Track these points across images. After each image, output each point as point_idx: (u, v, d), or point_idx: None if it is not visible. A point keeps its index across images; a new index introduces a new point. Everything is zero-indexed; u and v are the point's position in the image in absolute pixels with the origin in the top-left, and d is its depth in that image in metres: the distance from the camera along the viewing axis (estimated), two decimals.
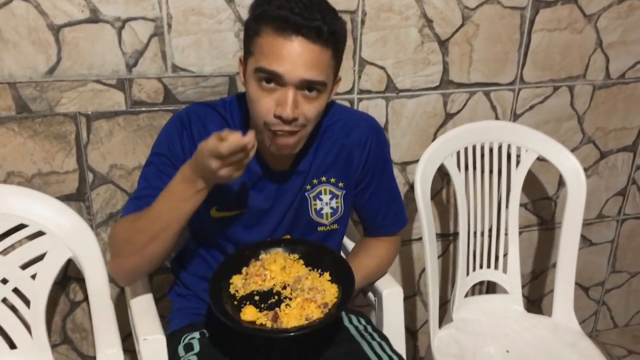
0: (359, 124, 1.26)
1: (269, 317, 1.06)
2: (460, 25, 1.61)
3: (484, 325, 1.60)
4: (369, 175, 1.28)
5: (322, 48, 1.03)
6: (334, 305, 1.09)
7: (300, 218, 1.26)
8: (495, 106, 1.75)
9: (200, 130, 1.16)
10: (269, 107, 1.05)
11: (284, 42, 1.01)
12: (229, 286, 1.13)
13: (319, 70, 1.04)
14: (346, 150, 1.24)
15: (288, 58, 1.01)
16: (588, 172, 1.95)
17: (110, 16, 1.34)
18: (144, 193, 1.16)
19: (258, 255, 1.19)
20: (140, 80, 1.41)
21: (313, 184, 1.24)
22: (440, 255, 1.91)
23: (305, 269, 1.17)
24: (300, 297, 1.09)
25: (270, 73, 1.03)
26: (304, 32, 1.01)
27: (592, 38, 1.76)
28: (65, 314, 1.59)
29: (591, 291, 2.20)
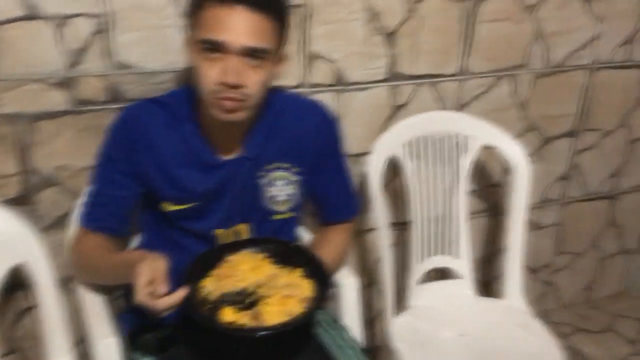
0: (313, 110, 1.29)
1: (249, 316, 1.05)
2: (407, 18, 1.64)
3: (439, 310, 1.64)
4: (323, 160, 1.29)
5: (263, 16, 1.06)
6: (313, 299, 1.09)
7: (255, 206, 1.26)
8: (442, 97, 1.78)
9: (143, 127, 1.18)
10: (213, 75, 1.07)
11: (225, 11, 1.05)
12: (200, 290, 1.11)
13: (261, 37, 1.07)
14: (299, 135, 1.25)
15: (230, 26, 1.05)
16: (532, 157, 2.00)
17: (50, 13, 1.30)
18: (96, 201, 1.23)
19: (225, 257, 1.17)
20: (84, 79, 1.37)
21: (266, 169, 1.24)
22: (394, 244, 1.93)
23: (276, 267, 1.16)
24: (278, 295, 1.08)
25: (213, 43, 1.06)
26: (245, 1, 1.04)
27: (532, 28, 1.81)
28: (13, 322, 1.54)
29: (539, 273, 2.27)
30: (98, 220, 1.23)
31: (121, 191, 1.22)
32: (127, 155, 1.19)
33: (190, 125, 1.20)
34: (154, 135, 1.18)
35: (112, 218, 1.23)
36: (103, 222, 1.23)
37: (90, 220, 1.24)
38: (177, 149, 1.19)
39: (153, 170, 1.20)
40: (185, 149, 1.20)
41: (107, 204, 1.22)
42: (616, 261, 2.41)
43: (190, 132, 1.20)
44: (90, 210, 1.24)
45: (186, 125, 1.20)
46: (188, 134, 1.20)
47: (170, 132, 1.19)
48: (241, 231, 1.28)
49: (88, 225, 1.24)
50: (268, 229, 1.29)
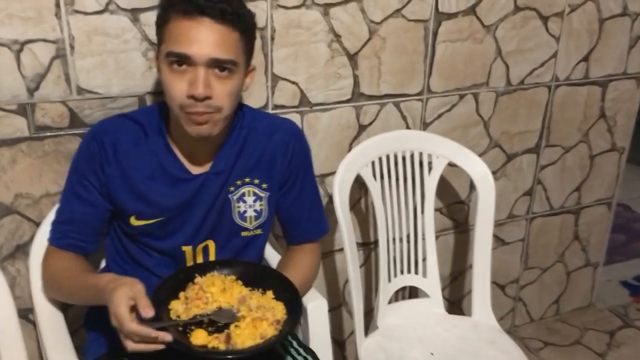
0: (282, 126, 1.30)
1: (221, 339, 1.03)
2: (368, 39, 1.65)
3: (408, 329, 1.63)
4: (292, 177, 1.29)
5: (228, 28, 1.07)
6: (285, 322, 1.08)
7: (223, 222, 1.25)
8: (406, 116, 1.80)
9: (112, 142, 1.18)
10: (181, 89, 1.08)
11: (191, 24, 1.05)
12: (169, 312, 1.09)
13: (227, 49, 1.08)
14: (269, 152, 1.25)
15: (195, 38, 1.05)
16: (496, 174, 2.04)
17: (6, 39, 1.28)
18: (63, 217, 1.23)
19: (193, 278, 1.15)
20: (43, 105, 1.35)
21: (236, 185, 1.24)
22: (362, 264, 1.93)
23: (246, 289, 1.15)
24: (249, 317, 1.07)
25: (179, 55, 1.06)
26: (209, 13, 1.05)
27: (492, 47, 1.85)
28: None
29: (507, 288, 2.29)
30: (66, 238, 1.22)
31: (89, 207, 1.21)
32: (95, 169, 1.18)
33: (159, 140, 1.20)
34: (122, 149, 1.18)
35: (81, 236, 1.22)
36: (71, 239, 1.22)
37: (58, 238, 1.23)
38: (146, 163, 1.19)
39: (120, 184, 1.19)
40: (155, 163, 1.19)
41: (76, 221, 1.22)
42: (582, 274, 2.45)
43: (159, 146, 1.20)
44: (58, 227, 1.23)
45: (156, 139, 1.20)
46: (157, 148, 1.20)
47: (139, 146, 1.19)
48: (208, 247, 1.27)
49: (56, 243, 1.23)
50: (235, 246, 1.28)
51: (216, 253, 1.27)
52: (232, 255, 1.28)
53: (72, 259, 1.22)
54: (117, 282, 1.02)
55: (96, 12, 1.34)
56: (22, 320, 1.46)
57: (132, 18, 1.37)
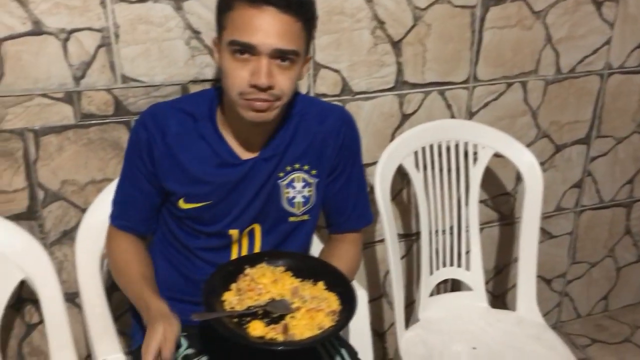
0: (333, 112, 1.29)
1: (278, 330, 1.03)
2: (412, 25, 1.62)
3: (450, 323, 1.60)
4: (342, 164, 1.28)
5: (292, 18, 1.06)
6: (341, 312, 1.07)
7: (271, 207, 1.25)
8: (451, 105, 1.76)
9: (160, 126, 1.19)
10: (243, 77, 1.08)
11: (255, 12, 1.05)
12: (222, 304, 1.08)
13: (291, 39, 1.07)
14: (320, 138, 1.25)
15: (260, 28, 1.05)
16: (544, 165, 1.98)
17: (54, 28, 1.30)
18: (122, 198, 1.28)
19: (243, 270, 1.15)
20: (89, 93, 1.37)
21: (286, 170, 1.23)
22: (403, 255, 1.91)
23: (297, 280, 1.14)
24: (304, 308, 1.06)
25: (243, 45, 1.06)
26: (275, 2, 1.04)
27: (542, 34, 1.79)
28: (22, 337, 1.53)
29: (553, 283, 2.23)
30: (122, 219, 1.27)
31: (140, 192, 1.24)
32: (143, 155, 1.21)
33: (209, 125, 1.21)
34: (171, 132, 1.19)
35: (134, 218, 1.27)
36: (125, 221, 1.27)
37: (116, 217, 1.28)
38: (194, 146, 1.20)
39: (169, 167, 1.20)
40: (203, 147, 1.20)
41: (129, 204, 1.26)
42: (633, 270, 2.36)
43: (208, 131, 1.21)
44: (115, 207, 1.29)
45: (206, 124, 1.21)
46: (206, 133, 1.20)
47: (187, 130, 1.20)
48: (254, 231, 1.27)
49: (114, 223, 1.28)
50: (282, 231, 1.28)
51: (262, 237, 1.27)
52: (278, 239, 1.28)
53: (131, 253, 1.26)
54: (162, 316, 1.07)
55: (140, 0, 1.34)
56: (69, 304, 1.50)
57: (176, 6, 1.37)
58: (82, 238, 1.33)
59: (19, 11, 1.27)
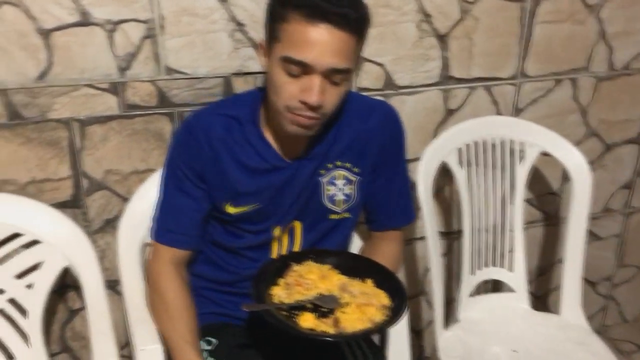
0: (378, 109, 1.25)
1: (329, 323, 1.02)
2: (460, 19, 1.58)
3: (491, 324, 1.57)
4: (385, 162, 1.26)
5: (348, 35, 1.02)
6: (392, 307, 1.06)
7: (312, 204, 1.24)
8: (497, 101, 1.71)
9: (206, 132, 1.18)
10: (294, 92, 1.05)
11: (311, 29, 1.00)
12: (272, 297, 1.08)
13: (346, 57, 1.04)
14: (364, 135, 1.22)
15: (316, 46, 1.01)
16: (593, 165, 1.91)
17: (100, 19, 1.32)
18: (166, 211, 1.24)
19: (290, 266, 1.15)
20: (133, 84, 1.38)
21: (327, 168, 1.22)
22: (444, 253, 1.88)
23: (345, 277, 1.13)
24: (354, 303, 1.06)
25: (298, 63, 1.03)
26: (332, 19, 1.00)
27: (595, 29, 1.72)
28: (64, 322, 1.57)
29: (599, 286, 2.16)
30: (168, 233, 1.23)
31: (188, 199, 1.21)
32: (190, 161, 1.19)
33: (253, 129, 1.19)
34: (216, 138, 1.18)
35: (183, 229, 1.23)
36: (172, 234, 1.23)
37: (161, 235, 1.24)
38: (240, 151, 1.18)
39: (216, 173, 1.19)
40: (249, 151, 1.19)
41: (177, 216, 1.22)
42: None
43: (254, 135, 1.19)
44: (159, 222, 1.24)
45: (251, 128, 1.19)
46: (252, 137, 1.19)
47: (233, 135, 1.19)
48: (294, 228, 1.26)
49: (159, 240, 1.24)
50: (323, 228, 1.27)
51: (302, 234, 1.26)
52: (318, 236, 1.27)
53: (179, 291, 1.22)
54: None
55: None
56: (110, 291, 1.52)
57: None
58: (124, 227, 1.34)
59: (67, 2, 1.28)
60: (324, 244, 1.28)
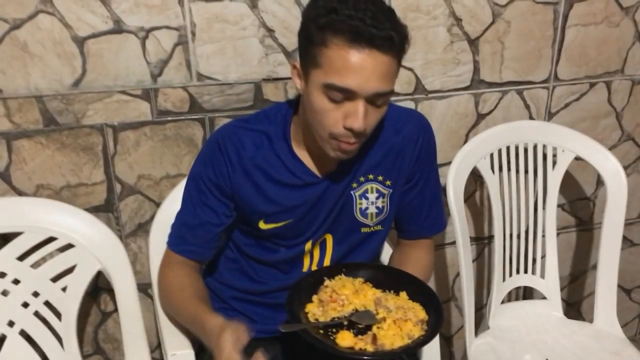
0: (409, 120, 1.23)
1: (367, 341, 1.01)
2: (491, 22, 1.56)
3: (522, 332, 1.55)
4: (419, 172, 1.24)
5: (392, 58, 1.00)
6: (429, 322, 1.05)
7: (344, 217, 1.22)
8: (529, 105, 1.69)
9: (236, 148, 1.16)
10: (337, 119, 1.03)
11: (355, 54, 0.97)
12: (307, 315, 1.07)
13: (390, 81, 1.02)
14: (396, 148, 1.20)
15: (360, 72, 0.98)
16: (628, 170, 1.87)
17: (133, 26, 1.34)
18: (185, 222, 1.23)
19: (322, 282, 1.13)
20: (165, 90, 1.40)
21: (360, 181, 1.20)
22: (474, 259, 1.86)
23: (379, 291, 1.12)
24: (390, 318, 1.04)
25: (342, 90, 0.99)
26: (377, 44, 0.96)
27: (631, 31, 1.69)
28: (97, 324, 1.59)
29: (634, 293, 2.12)
30: (184, 243, 1.23)
31: (210, 213, 1.20)
32: (218, 177, 1.17)
33: (284, 145, 1.17)
34: (247, 155, 1.16)
35: (199, 241, 1.22)
36: (189, 245, 1.22)
37: (177, 243, 1.24)
38: (271, 167, 1.17)
39: (248, 190, 1.17)
40: (281, 167, 1.17)
41: (195, 227, 1.21)
42: None
43: (284, 151, 1.17)
44: (178, 231, 1.24)
45: (281, 145, 1.17)
46: (282, 153, 1.17)
47: (263, 151, 1.17)
48: (326, 241, 1.25)
49: (174, 248, 1.24)
50: (354, 241, 1.26)
51: (334, 246, 1.25)
52: (349, 249, 1.26)
53: (187, 277, 1.22)
54: (223, 328, 1.00)
55: None
56: (142, 294, 1.55)
57: (251, 4, 1.38)
58: (156, 231, 1.36)
59: (101, 10, 1.31)
60: (355, 256, 1.26)
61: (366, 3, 0.98)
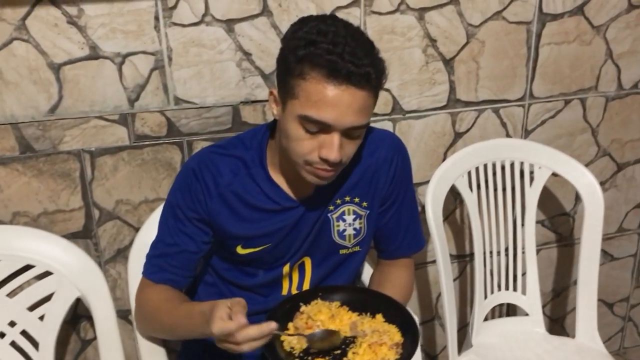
0: (384, 142, 1.23)
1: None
2: (465, 43, 1.59)
3: (505, 349, 1.55)
4: (394, 194, 1.25)
5: (369, 93, 1.01)
6: (404, 344, 1.05)
7: (322, 240, 1.22)
8: (506, 123, 1.71)
9: (213, 175, 1.15)
10: (313, 148, 1.03)
11: (332, 89, 0.98)
12: (282, 344, 1.06)
13: (366, 115, 1.03)
14: (371, 170, 1.21)
15: (337, 107, 0.98)
16: (605, 185, 1.90)
17: (110, 52, 1.34)
18: (162, 251, 1.20)
19: (298, 308, 1.13)
20: (143, 115, 1.40)
21: (337, 204, 1.21)
22: (457, 277, 1.86)
23: (355, 314, 1.12)
24: (366, 343, 1.04)
25: (318, 123, 1.00)
26: (354, 80, 0.97)
27: (602, 49, 1.72)
28: (77, 353, 1.57)
29: (616, 307, 2.13)
30: (163, 272, 1.20)
31: (188, 240, 1.19)
32: (195, 204, 1.16)
33: (260, 171, 1.17)
34: (224, 182, 1.16)
35: (177, 269, 1.20)
36: (167, 273, 1.20)
37: (155, 272, 1.21)
38: (248, 193, 1.17)
39: (225, 217, 1.17)
40: (258, 193, 1.17)
41: (174, 255, 1.19)
42: None
43: (261, 177, 1.17)
44: (155, 261, 1.21)
45: (257, 170, 1.17)
46: (259, 178, 1.17)
47: (239, 177, 1.16)
48: (304, 264, 1.25)
49: (152, 277, 1.21)
50: (332, 263, 1.26)
51: (312, 269, 1.25)
52: (328, 271, 1.26)
53: (169, 292, 1.20)
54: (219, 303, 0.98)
55: (193, 23, 1.37)
56: (122, 320, 1.53)
57: (227, 29, 1.39)
58: (135, 256, 1.34)
59: (77, 36, 1.31)
60: (334, 277, 1.26)
61: (345, 37, 0.98)
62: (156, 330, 1.26)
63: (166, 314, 1.15)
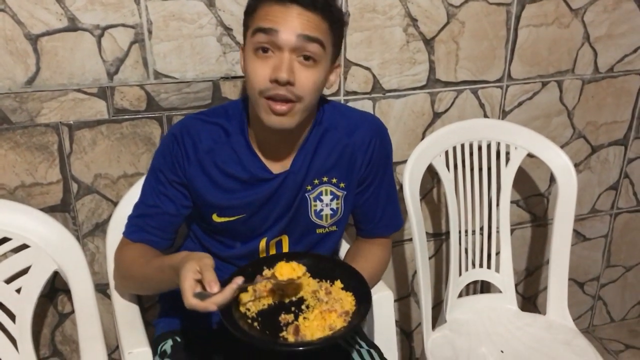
0: (363, 123, 1.24)
1: (290, 331, 1.04)
2: (446, 23, 1.60)
3: (478, 325, 1.58)
4: (372, 175, 1.26)
5: (317, 17, 1.06)
6: (354, 313, 1.07)
7: (299, 219, 1.24)
8: (484, 104, 1.73)
9: (193, 141, 1.18)
10: (264, 74, 1.06)
11: (280, 8, 1.05)
12: (239, 305, 1.08)
13: (315, 30, 1.06)
14: (349, 151, 1.22)
15: (285, 18, 1.04)
16: (579, 167, 1.94)
17: (89, 24, 1.32)
18: (140, 211, 1.24)
19: (262, 272, 1.14)
20: (122, 88, 1.39)
21: (314, 184, 1.22)
22: (432, 255, 1.89)
23: (315, 281, 1.14)
24: (318, 309, 1.07)
25: (266, 30, 1.05)
26: (300, 2, 1.04)
27: (580, 32, 1.74)
28: (54, 326, 1.57)
29: (586, 286, 2.18)
30: (142, 232, 1.23)
31: (168, 203, 1.21)
32: (175, 168, 1.19)
33: (241, 139, 1.19)
34: (203, 148, 1.18)
35: (157, 230, 1.22)
36: (146, 233, 1.22)
37: (134, 232, 1.23)
38: (227, 162, 1.18)
39: (202, 183, 1.19)
40: (236, 162, 1.19)
41: (153, 216, 1.22)
42: None
43: (240, 146, 1.19)
44: (135, 221, 1.24)
45: (237, 138, 1.19)
46: (239, 147, 1.19)
47: (220, 145, 1.18)
48: (282, 242, 1.27)
49: (131, 237, 1.24)
50: (309, 242, 1.28)
51: (289, 247, 1.27)
52: (305, 249, 1.28)
53: (145, 248, 1.22)
54: (188, 256, 1.01)
55: None
56: (100, 295, 1.54)
57: (208, 3, 1.38)
58: (114, 231, 1.35)
59: (55, 7, 1.29)
60: None
61: None
62: (130, 286, 1.28)
63: (139, 267, 1.18)
